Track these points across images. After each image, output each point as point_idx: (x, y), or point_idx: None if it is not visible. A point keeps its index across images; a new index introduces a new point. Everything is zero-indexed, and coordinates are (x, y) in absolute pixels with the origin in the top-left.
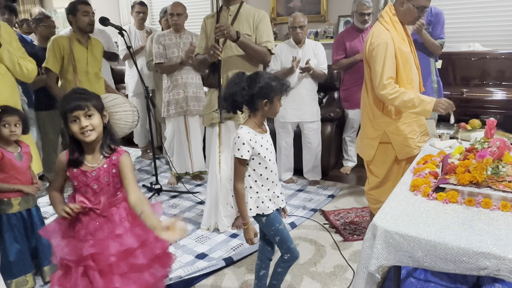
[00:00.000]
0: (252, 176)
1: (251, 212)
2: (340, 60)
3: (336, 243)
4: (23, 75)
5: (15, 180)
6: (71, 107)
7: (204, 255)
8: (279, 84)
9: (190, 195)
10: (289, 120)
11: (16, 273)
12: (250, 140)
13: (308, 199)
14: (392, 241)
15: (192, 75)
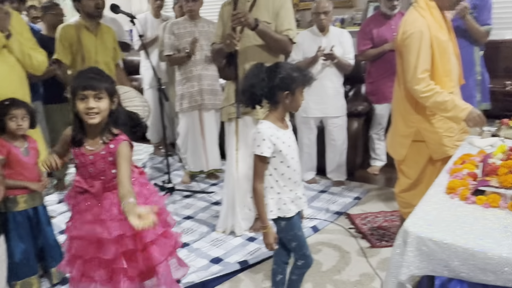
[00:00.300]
0: (273, 175)
1: (271, 214)
2: (366, 51)
3: (362, 250)
4: (33, 67)
5: (21, 176)
6: (83, 85)
7: (219, 260)
8: (301, 75)
9: (205, 195)
10: (311, 115)
11: (21, 275)
12: (271, 136)
13: (332, 201)
14: (425, 248)
15: (207, 66)
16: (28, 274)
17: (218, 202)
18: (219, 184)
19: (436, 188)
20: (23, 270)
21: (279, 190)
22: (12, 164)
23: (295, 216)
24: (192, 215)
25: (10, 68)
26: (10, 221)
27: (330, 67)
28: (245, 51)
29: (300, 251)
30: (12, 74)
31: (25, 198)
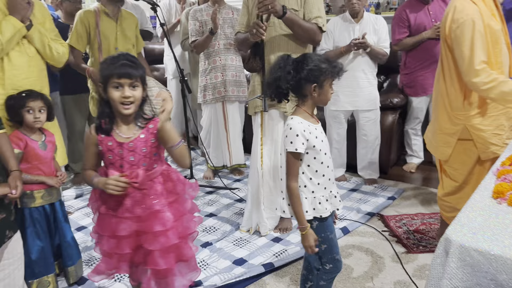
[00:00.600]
0: (306, 173)
1: (307, 215)
2: (403, 40)
3: (397, 255)
4: (53, 58)
5: (38, 171)
6: (120, 72)
7: (243, 261)
8: (330, 67)
9: (228, 191)
10: (341, 108)
11: (38, 273)
12: (304, 131)
13: (363, 200)
14: (470, 259)
15: (231, 57)
16: (45, 273)
17: (242, 199)
18: (243, 180)
19: (482, 192)
20: (39, 268)
21: (313, 188)
22: (29, 158)
23: (329, 216)
24: (215, 212)
25: (29, 59)
26: (26, 218)
27: (363, 56)
28: (271, 41)
29: (329, 254)
30: (32, 65)
31: (42, 194)
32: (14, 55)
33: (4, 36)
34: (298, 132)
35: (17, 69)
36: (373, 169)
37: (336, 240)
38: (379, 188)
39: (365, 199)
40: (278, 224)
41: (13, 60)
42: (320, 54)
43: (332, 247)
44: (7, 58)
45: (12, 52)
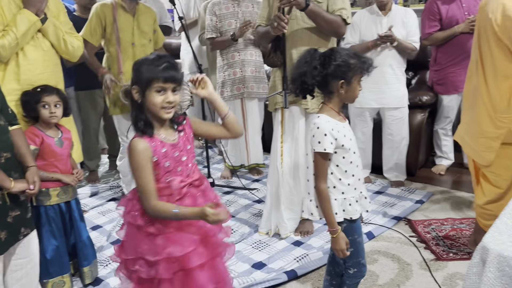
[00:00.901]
0: (335, 173)
1: (337, 217)
2: (433, 34)
3: (425, 262)
4: (68, 53)
5: (54, 168)
6: (166, 76)
7: (262, 265)
8: (359, 62)
9: (246, 191)
10: (367, 105)
11: (53, 273)
12: (332, 130)
13: (389, 204)
14: (509, 269)
15: (251, 51)
16: (60, 273)
17: (261, 200)
18: (262, 180)
19: None
20: (54, 268)
21: (343, 189)
22: (45, 155)
23: (358, 218)
24: (233, 213)
25: (44, 53)
26: (41, 216)
27: (390, 50)
28: (292, 34)
29: (355, 258)
30: (47, 60)
31: (58, 192)
32: (29, 49)
33: (18, 30)
34: (326, 131)
35: (32, 64)
36: (400, 170)
37: (363, 244)
38: (406, 191)
39: (391, 203)
40: (299, 227)
41: (28, 55)
42: (348, 48)
43: (358, 251)
44: (22, 52)
45: (27, 46)
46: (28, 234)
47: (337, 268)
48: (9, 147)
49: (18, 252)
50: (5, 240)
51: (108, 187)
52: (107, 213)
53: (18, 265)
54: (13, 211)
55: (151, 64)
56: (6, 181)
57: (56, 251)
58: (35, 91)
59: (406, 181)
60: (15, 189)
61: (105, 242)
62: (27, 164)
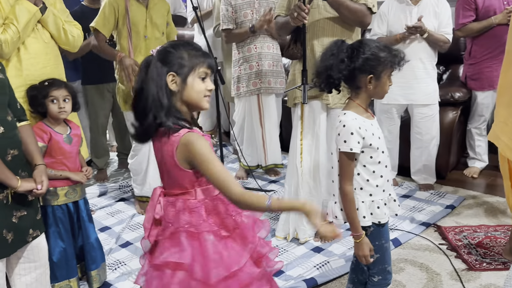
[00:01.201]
0: (362, 174)
1: (365, 221)
2: (468, 24)
3: (456, 272)
4: (68, 43)
5: (62, 166)
6: (210, 61)
7: (279, 272)
8: (390, 55)
9: (263, 193)
10: (394, 101)
11: (59, 277)
12: (359, 128)
13: (417, 208)
14: None
15: (268, 44)
16: (66, 276)
17: None
18: (279, 181)
19: None
20: (61, 271)
21: (371, 191)
22: (53, 152)
23: (386, 222)
24: None
25: (45, 45)
26: (48, 216)
27: (420, 42)
28: (314, 24)
29: (380, 265)
30: (48, 52)
31: (66, 191)
32: (30, 42)
33: (19, 23)
34: (353, 130)
35: (34, 58)
36: (429, 173)
37: (389, 250)
38: (435, 195)
39: (419, 207)
40: (317, 232)
41: (30, 48)
42: (378, 40)
43: (384, 257)
44: (23, 46)
45: (28, 39)
46: (37, 237)
47: (360, 276)
48: (17, 144)
49: (26, 255)
50: (12, 241)
51: (117, 187)
52: (116, 213)
53: (26, 269)
54: (18, 211)
55: (192, 48)
56: (12, 180)
57: (63, 254)
58: (42, 85)
59: (435, 184)
60: (21, 189)
61: (114, 245)
62: (35, 162)
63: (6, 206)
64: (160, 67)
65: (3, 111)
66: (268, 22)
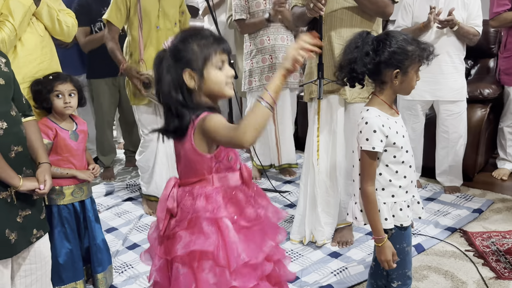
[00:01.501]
0: (384, 174)
1: (387, 223)
2: (503, 14)
3: (484, 281)
4: (63, 33)
5: (69, 164)
6: (224, 46)
7: (295, 278)
8: (419, 49)
9: (277, 194)
10: (419, 97)
11: (66, 279)
12: (382, 126)
13: (442, 212)
14: None
15: (282, 35)
16: (72, 279)
17: (293, 204)
18: (295, 182)
19: None
20: (67, 273)
21: (393, 192)
22: (58, 149)
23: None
24: None
25: (41, 39)
26: (54, 216)
27: (448, 35)
28: (332, 15)
29: (400, 269)
30: (44, 46)
31: (72, 190)
32: (26, 37)
33: (16, 19)
34: (376, 128)
35: (31, 54)
36: (455, 174)
37: (411, 254)
38: (462, 198)
39: (444, 211)
40: (336, 236)
41: (26, 44)
42: (406, 32)
43: (405, 261)
44: (20, 42)
45: (24, 34)
46: (41, 237)
47: (379, 281)
48: (21, 140)
49: (29, 256)
50: (16, 242)
51: (124, 185)
52: (123, 214)
53: (27, 270)
54: (23, 210)
55: (202, 37)
56: (14, 178)
57: (70, 255)
58: (47, 79)
59: (462, 186)
60: (23, 188)
61: (120, 247)
62: (39, 160)
63: (11, 205)
64: (173, 66)
65: (7, 105)
66: (278, 11)
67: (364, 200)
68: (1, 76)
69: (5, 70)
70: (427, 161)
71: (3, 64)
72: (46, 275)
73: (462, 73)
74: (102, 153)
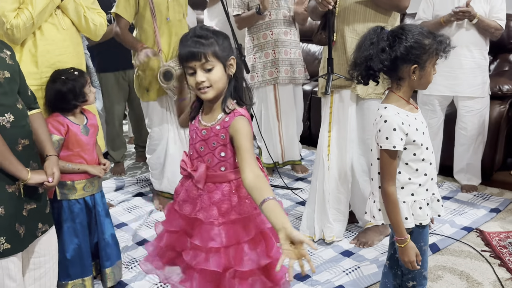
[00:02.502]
0: (403, 173)
1: (408, 223)
2: None
3: (500, 282)
4: (90, 31)
5: (80, 159)
6: (184, 54)
7: (306, 276)
8: (435, 42)
9: (288, 191)
10: (437, 92)
11: (73, 275)
12: (402, 124)
13: (459, 211)
14: None
15: (285, 30)
16: (80, 275)
17: (305, 201)
18: (307, 179)
19: None
20: (75, 269)
21: (413, 190)
22: (70, 144)
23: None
24: None
25: (64, 32)
26: (64, 211)
27: (468, 29)
28: (345, 8)
29: (416, 270)
30: (67, 39)
31: (84, 184)
32: (47, 27)
33: (35, 9)
34: (396, 126)
35: (50, 44)
36: (473, 173)
37: (427, 253)
38: (479, 197)
39: (461, 210)
40: (360, 235)
41: (46, 34)
42: (420, 25)
43: (422, 261)
44: (40, 31)
45: (45, 24)
46: (46, 231)
47: (393, 281)
48: (28, 134)
49: (37, 250)
50: (24, 236)
51: (134, 181)
52: (133, 209)
53: (36, 264)
54: (28, 204)
55: (181, 41)
56: (22, 171)
57: (78, 251)
58: (72, 75)
59: (480, 185)
60: (31, 181)
61: (130, 242)
62: (47, 152)
63: (19, 198)
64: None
65: (13, 99)
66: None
67: (385, 200)
68: (6, 69)
69: (10, 63)
70: (445, 159)
71: (8, 57)
72: (53, 269)
73: (484, 68)
74: (113, 148)
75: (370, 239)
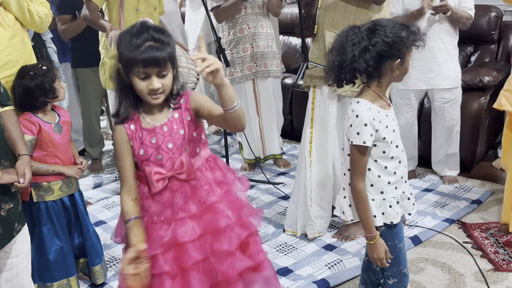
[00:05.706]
0: (373, 170)
1: (376, 220)
2: None
3: (482, 273)
4: (35, 24)
5: (55, 158)
6: (145, 59)
7: (288, 271)
8: (410, 33)
9: (271, 186)
10: (412, 87)
11: (57, 276)
12: (373, 119)
13: (440, 203)
14: None
15: (262, 23)
16: (65, 275)
17: (288, 196)
18: (290, 173)
19: None
20: (59, 270)
21: (382, 188)
22: (43, 144)
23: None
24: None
25: (10, 30)
26: (42, 213)
27: (440, 22)
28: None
29: (395, 267)
30: (14, 37)
31: (61, 185)
32: None
33: None
34: (367, 121)
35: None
36: (452, 164)
37: (405, 251)
38: (460, 189)
39: (442, 202)
40: (342, 229)
41: None
42: (391, 19)
43: (399, 259)
44: None
45: None
46: (20, 231)
47: (373, 277)
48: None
49: (10, 250)
50: (1, 236)
51: (113, 178)
52: (112, 207)
53: (8, 265)
54: (6, 203)
55: (131, 42)
56: None
57: (60, 252)
58: (40, 70)
59: (460, 177)
60: (2, 181)
61: (109, 240)
62: (19, 152)
63: None
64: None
65: None
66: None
67: (355, 197)
68: None
69: None
70: (425, 151)
71: None
72: (27, 269)
73: (456, 58)
74: (90, 144)
75: (353, 233)
